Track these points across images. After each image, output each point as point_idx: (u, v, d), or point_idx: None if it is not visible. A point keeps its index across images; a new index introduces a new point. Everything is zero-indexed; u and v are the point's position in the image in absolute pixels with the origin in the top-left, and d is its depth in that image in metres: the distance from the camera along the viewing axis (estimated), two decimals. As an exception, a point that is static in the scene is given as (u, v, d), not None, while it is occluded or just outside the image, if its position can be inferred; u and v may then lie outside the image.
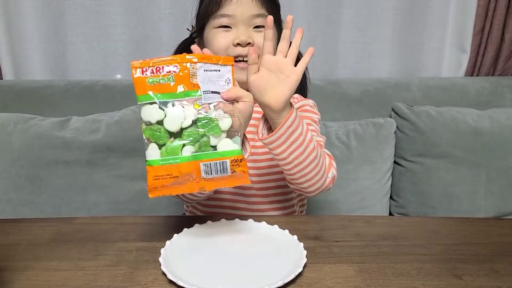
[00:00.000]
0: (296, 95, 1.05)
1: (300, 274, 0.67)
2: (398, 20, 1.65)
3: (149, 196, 0.71)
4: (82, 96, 1.48)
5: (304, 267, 0.68)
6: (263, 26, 0.91)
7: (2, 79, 1.58)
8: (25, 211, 1.32)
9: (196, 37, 1.01)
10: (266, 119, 0.84)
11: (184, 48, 1.02)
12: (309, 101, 1.05)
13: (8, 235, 0.81)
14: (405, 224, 0.89)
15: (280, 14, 0.99)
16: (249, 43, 0.90)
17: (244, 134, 0.79)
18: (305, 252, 0.71)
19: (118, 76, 1.65)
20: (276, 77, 0.80)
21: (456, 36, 1.68)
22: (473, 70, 1.70)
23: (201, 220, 0.83)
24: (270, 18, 0.81)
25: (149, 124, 0.70)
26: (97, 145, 1.35)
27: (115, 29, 1.59)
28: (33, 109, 1.43)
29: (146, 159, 0.70)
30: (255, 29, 0.92)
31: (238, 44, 0.90)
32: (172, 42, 1.56)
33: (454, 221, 0.94)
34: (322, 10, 1.62)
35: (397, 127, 1.48)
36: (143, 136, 0.70)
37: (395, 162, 1.49)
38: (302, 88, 1.07)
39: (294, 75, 0.79)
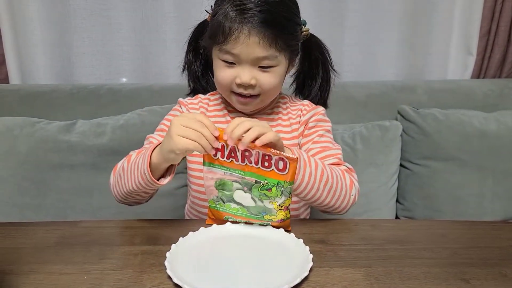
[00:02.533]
0: (307, 102, 1.03)
1: (306, 278, 0.66)
2: (403, 23, 1.65)
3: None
4: (87, 100, 1.49)
5: (310, 271, 0.68)
6: (269, 67, 0.89)
7: (8, 83, 1.59)
8: (30, 215, 1.33)
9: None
10: None
11: (197, 32, 1.01)
12: (320, 109, 1.03)
13: (14, 239, 0.81)
14: (411, 227, 0.89)
15: (298, 35, 0.96)
16: (251, 85, 0.89)
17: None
18: (311, 256, 0.71)
19: (124, 80, 1.65)
20: None
21: (462, 39, 1.67)
22: (480, 72, 1.69)
23: (205, 224, 0.83)
24: None
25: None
26: (103, 149, 1.35)
27: (120, 33, 1.59)
28: (39, 113, 1.43)
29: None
30: (260, 68, 0.89)
31: (239, 84, 0.90)
32: (177, 45, 1.58)
33: (461, 224, 0.93)
34: (327, 13, 1.61)
35: (403, 130, 1.47)
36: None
37: (401, 165, 1.49)
38: (323, 103, 1.06)
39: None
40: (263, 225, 0.82)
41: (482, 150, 1.41)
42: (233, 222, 0.83)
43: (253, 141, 0.74)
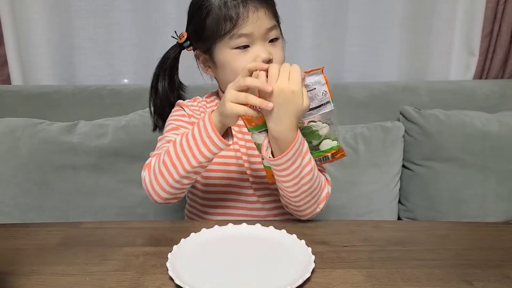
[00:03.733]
0: None
1: (308, 279, 0.66)
2: (405, 23, 1.65)
3: None
4: (89, 101, 1.49)
5: (312, 272, 0.68)
6: (276, 39, 0.92)
7: (10, 84, 1.59)
8: (32, 216, 1.33)
9: (194, 49, 0.99)
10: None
11: (172, 61, 1.00)
12: None
13: (16, 240, 0.81)
14: (413, 228, 0.89)
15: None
16: (270, 60, 0.90)
17: (230, 128, 0.84)
18: (313, 257, 0.71)
19: (125, 81, 1.66)
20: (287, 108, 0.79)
21: (464, 39, 1.66)
22: (482, 73, 1.68)
23: (208, 224, 0.83)
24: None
25: None
26: (104, 150, 1.35)
27: (122, 34, 1.59)
28: (41, 114, 1.44)
29: None
30: (270, 43, 0.92)
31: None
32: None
33: (463, 225, 0.93)
34: (329, 14, 1.61)
35: (405, 130, 1.47)
36: None
37: (403, 166, 1.48)
38: None
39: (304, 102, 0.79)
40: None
41: (484, 151, 1.41)
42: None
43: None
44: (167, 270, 0.67)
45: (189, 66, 1.03)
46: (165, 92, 1.01)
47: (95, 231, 0.85)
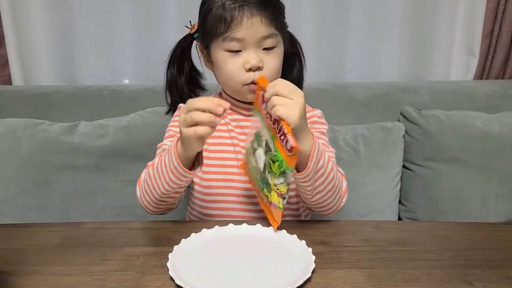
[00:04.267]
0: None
1: (308, 280, 0.66)
2: (406, 24, 1.65)
3: None
4: (90, 101, 1.49)
5: (312, 272, 0.68)
6: (273, 47, 0.91)
7: (11, 84, 1.59)
8: (33, 216, 1.33)
9: (199, 41, 0.99)
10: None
11: (182, 49, 1.02)
12: (317, 112, 1.04)
13: (17, 240, 0.81)
14: (414, 229, 0.89)
15: (285, 22, 0.97)
16: (259, 68, 0.90)
17: (201, 153, 0.83)
18: (313, 258, 0.71)
19: (126, 81, 1.66)
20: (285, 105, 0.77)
21: (465, 39, 1.66)
22: (482, 73, 1.68)
23: (209, 225, 0.83)
24: None
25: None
26: (105, 150, 1.35)
27: (122, 34, 1.60)
28: (41, 115, 1.44)
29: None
30: (264, 50, 0.90)
31: (249, 69, 0.90)
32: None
33: (464, 226, 0.93)
34: (329, 14, 1.61)
35: (405, 131, 1.47)
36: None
37: (404, 166, 1.48)
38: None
39: (300, 97, 0.77)
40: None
41: (485, 151, 1.41)
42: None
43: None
44: (168, 270, 0.68)
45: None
46: (174, 78, 1.03)
47: (96, 231, 0.85)
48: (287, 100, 0.75)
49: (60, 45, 1.59)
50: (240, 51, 0.90)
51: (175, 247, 0.74)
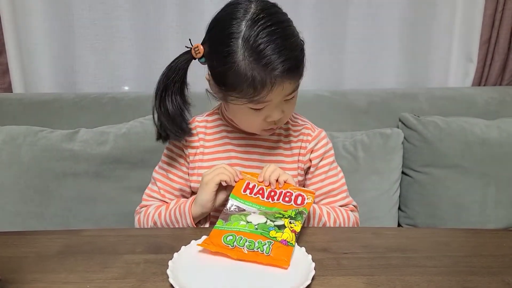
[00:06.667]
0: (309, 125, 1.03)
1: (308, 287, 0.66)
2: (404, 31, 1.66)
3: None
4: (90, 108, 1.49)
5: (312, 279, 0.68)
6: (293, 96, 0.89)
7: (11, 92, 1.60)
8: (33, 223, 1.33)
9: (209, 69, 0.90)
10: None
11: (180, 69, 0.91)
12: (322, 134, 1.03)
13: (17, 248, 0.81)
14: (414, 235, 0.89)
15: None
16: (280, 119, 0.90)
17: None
18: (313, 265, 0.71)
19: (126, 88, 1.66)
20: None
21: (463, 46, 1.67)
22: (480, 80, 1.69)
23: (209, 232, 0.83)
24: None
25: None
26: (105, 157, 1.35)
27: (122, 42, 1.60)
28: (42, 122, 1.44)
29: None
30: (285, 101, 0.88)
31: (271, 121, 0.90)
32: (178, 54, 1.59)
33: (463, 232, 0.93)
34: (328, 22, 1.62)
35: (404, 137, 1.47)
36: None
37: (403, 172, 1.49)
38: None
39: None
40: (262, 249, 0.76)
41: (484, 158, 1.41)
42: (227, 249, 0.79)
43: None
44: (168, 277, 0.68)
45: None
46: (178, 108, 0.92)
47: (96, 239, 0.85)
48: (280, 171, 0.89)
49: (61, 53, 1.60)
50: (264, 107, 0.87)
51: (175, 254, 0.74)
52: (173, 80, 0.90)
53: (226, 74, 0.83)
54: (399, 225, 1.49)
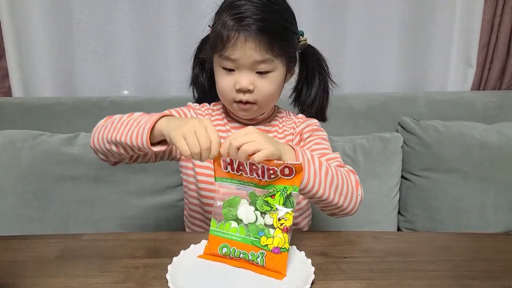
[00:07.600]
0: (301, 115, 1.05)
1: (308, 291, 0.66)
2: (403, 34, 1.66)
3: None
4: (90, 112, 1.49)
5: (312, 283, 0.68)
6: (266, 72, 0.90)
7: (11, 96, 1.60)
8: (32, 227, 1.33)
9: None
10: None
11: (202, 46, 1.03)
12: (314, 120, 1.04)
13: (16, 252, 0.81)
14: (413, 239, 0.89)
15: (294, 43, 0.96)
16: (249, 90, 0.91)
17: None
18: (313, 269, 0.71)
19: (126, 92, 1.66)
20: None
21: (462, 50, 1.68)
22: (479, 84, 1.70)
23: (206, 236, 0.83)
24: None
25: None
26: (104, 161, 1.35)
27: (122, 46, 1.60)
28: (41, 126, 1.44)
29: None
30: (258, 74, 0.91)
31: (239, 89, 0.91)
32: (178, 58, 1.59)
33: (463, 236, 0.93)
34: (327, 25, 1.63)
35: (404, 141, 1.47)
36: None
37: (402, 176, 1.49)
38: (322, 113, 1.07)
39: (251, 129, 0.77)
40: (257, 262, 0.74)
41: (483, 162, 1.41)
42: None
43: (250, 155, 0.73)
44: (167, 282, 0.67)
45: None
46: (196, 75, 1.06)
47: (95, 243, 0.85)
48: (246, 138, 0.73)
49: (60, 57, 1.60)
50: (234, 70, 0.91)
51: (175, 258, 0.74)
52: (198, 58, 1.04)
53: (212, 33, 0.93)
54: (398, 229, 1.49)
